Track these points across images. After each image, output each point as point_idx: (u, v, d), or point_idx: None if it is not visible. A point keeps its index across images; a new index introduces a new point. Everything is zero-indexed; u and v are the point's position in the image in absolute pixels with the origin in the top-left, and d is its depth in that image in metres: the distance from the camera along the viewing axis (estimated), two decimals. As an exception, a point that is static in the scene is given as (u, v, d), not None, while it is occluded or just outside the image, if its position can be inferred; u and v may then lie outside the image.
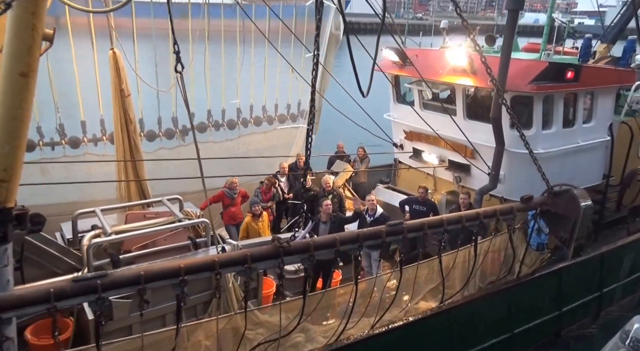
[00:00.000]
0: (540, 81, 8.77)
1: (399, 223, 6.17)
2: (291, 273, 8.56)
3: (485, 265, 7.96)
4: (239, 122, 11.25)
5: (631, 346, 5.48)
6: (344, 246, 5.70)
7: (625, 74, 10.19)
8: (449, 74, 9.62)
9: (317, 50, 4.63)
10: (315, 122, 13.19)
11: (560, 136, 9.74)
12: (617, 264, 9.71)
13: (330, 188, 9.57)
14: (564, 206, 7.38)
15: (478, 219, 6.89)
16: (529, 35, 32.25)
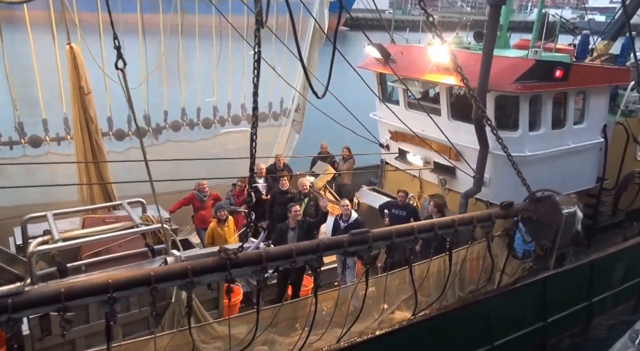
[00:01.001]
0: (526, 80, 8.30)
1: (363, 231, 5.76)
2: (261, 280, 8.17)
3: (465, 274, 7.55)
4: (215, 120, 10.85)
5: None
6: (302, 257, 5.30)
7: (620, 73, 9.69)
8: (432, 72, 9.17)
9: (258, 46, 4.20)
10: (299, 121, 13.04)
11: (549, 137, 9.27)
12: (608, 272, 9.25)
13: (307, 191, 9.16)
14: (545, 213, 6.94)
15: (453, 226, 6.47)
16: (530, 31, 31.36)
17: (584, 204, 11.22)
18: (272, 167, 10.70)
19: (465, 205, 9.38)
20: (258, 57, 4.27)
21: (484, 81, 7.73)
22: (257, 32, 4.16)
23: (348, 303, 6.75)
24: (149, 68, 9.22)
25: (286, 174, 9.68)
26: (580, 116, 9.98)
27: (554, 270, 7.42)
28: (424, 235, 6.40)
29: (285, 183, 9.39)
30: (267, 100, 11.86)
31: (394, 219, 8.99)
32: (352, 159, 11.91)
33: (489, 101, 8.71)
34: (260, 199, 9.93)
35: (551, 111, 9.04)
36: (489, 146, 8.71)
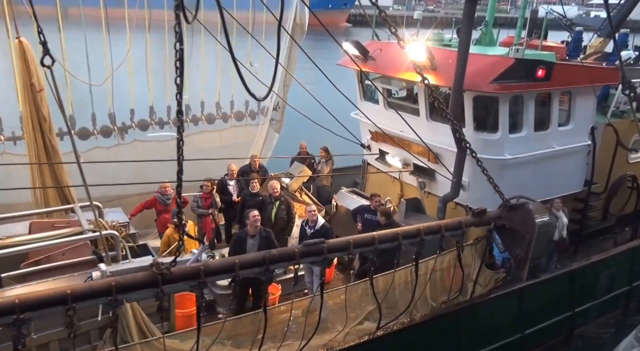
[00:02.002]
0: (505, 79, 7.86)
1: (317, 242, 5.36)
2: (224, 288, 7.80)
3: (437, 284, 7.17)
4: (187, 119, 10.44)
5: None
6: (246, 270, 4.91)
7: (608, 72, 9.22)
8: (409, 70, 8.72)
9: (180, 43, 3.79)
10: (278, 120, 12.62)
11: (531, 140, 8.84)
12: (591, 282, 8.85)
13: (277, 194, 8.76)
14: (519, 222, 6.52)
15: (418, 236, 6.07)
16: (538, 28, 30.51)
17: (571, 209, 10.92)
18: (246, 168, 10.29)
19: (443, 210, 9.00)
20: (180, 56, 3.84)
21: (459, 80, 7.33)
22: (178, 27, 3.72)
23: (302, 312, 6.43)
24: (114, 64, 8.81)
25: (256, 176, 9.27)
26: (566, 118, 9.55)
27: (531, 280, 7.00)
28: (386, 245, 6.02)
29: (255, 185, 8.99)
30: (244, 98, 11.44)
31: (367, 225, 8.59)
32: (331, 160, 11.51)
33: (466, 101, 8.29)
34: (230, 201, 9.56)
35: (533, 112, 8.60)
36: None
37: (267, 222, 8.85)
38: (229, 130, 11.40)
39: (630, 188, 11.93)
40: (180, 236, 4.22)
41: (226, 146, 11.40)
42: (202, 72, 10.38)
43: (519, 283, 7.43)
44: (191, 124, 10.62)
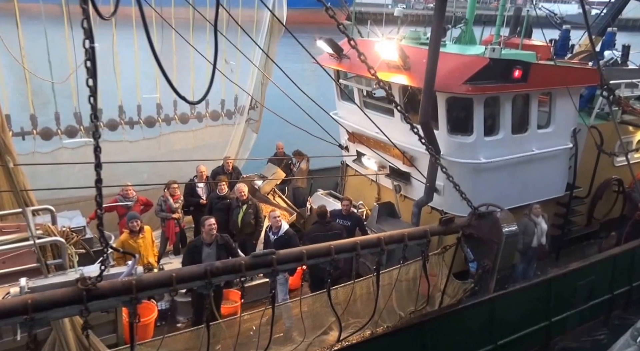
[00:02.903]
0: (480, 80, 7.55)
1: (266, 253, 5.08)
2: (184, 296, 7.52)
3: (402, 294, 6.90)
4: (159, 119, 10.14)
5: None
6: (185, 284, 4.64)
7: (589, 73, 8.89)
8: (382, 69, 8.41)
9: (90, 41, 3.48)
10: (256, 120, 12.31)
11: (509, 143, 8.53)
12: (569, 290, 8.56)
13: (245, 197, 8.47)
14: (488, 231, 6.25)
15: (379, 245, 5.79)
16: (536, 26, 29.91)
17: (554, 214, 10.63)
18: (219, 170, 10.00)
19: (418, 215, 8.74)
20: (92, 57, 3.53)
21: (429, 81, 7.02)
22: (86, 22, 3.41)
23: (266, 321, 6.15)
24: (78, 61, 8.48)
25: (224, 178, 8.98)
26: (547, 120, 9.24)
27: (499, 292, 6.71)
28: (345, 255, 5.75)
29: (223, 187, 8.70)
30: (220, 97, 11.14)
31: (338, 228, 8.30)
32: (307, 162, 11.22)
33: (439, 102, 8.00)
34: (198, 204, 9.27)
35: (510, 114, 8.29)
36: (441, 152, 8.05)
37: (233, 226, 8.61)
38: (205, 130, 11.10)
39: (616, 192, 11.66)
40: (103, 248, 3.92)
41: (201, 146, 11.11)
42: (173, 69, 10.06)
43: (489, 293, 7.16)
44: (163, 124, 10.31)
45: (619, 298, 9.69)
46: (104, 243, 3.89)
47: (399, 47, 7.77)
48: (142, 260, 6.91)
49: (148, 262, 7.03)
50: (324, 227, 7.71)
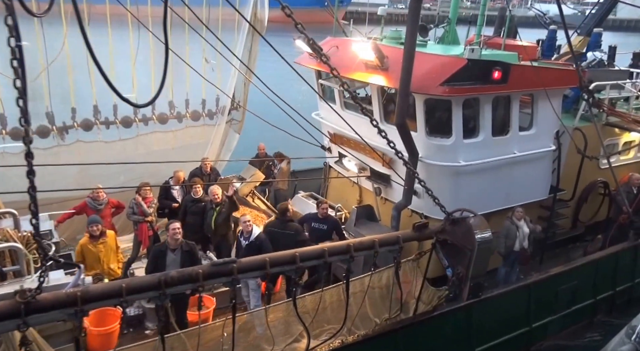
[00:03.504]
0: (458, 81, 7.37)
1: (227, 261, 4.90)
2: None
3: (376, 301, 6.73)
4: (136, 119, 9.93)
5: (637, 342, 5.33)
6: (135, 295, 4.45)
7: (571, 74, 8.70)
8: (360, 70, 8.25)
9: (17, 40, 3.28)
10: (239, 120, 12.11)
11: (489, 145, 8.36)
12: (549, 295, 8.40)
13: (219, 200, 8.27)
14: (462, 237, 6.07)
15: (348, 252, 5.62)
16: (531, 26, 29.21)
17: (537, 217, 10.48)
18: (197, 172, 9.79)
19: (397, 218, 8.55)
20: (20, 55, 3.33)
21: (405, 82, 6.82)
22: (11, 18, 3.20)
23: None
24: (49, 58, 8.28)
25: (199, 180, 8.77)
26: (529, 122, 9.07)
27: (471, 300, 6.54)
28: (313, 262, 5.58)
29: (198, 190, 8.51)
30: (200, 97, 10.93)
31: (314, 234, 8.12)
32: (288, 164, 11.03)
33: (417, 104, 7.82)
34: (172, 206, 9.07)
35: (491, 116, 8.12)
36: (419, 154, 7.87)
37: (207, 229, 8.42)
38: (185, 130, 10.89)
39: (602, 195, 11.52)
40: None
41: (182, 147, 10.91)
42: (150, 68, 9.83)
43: (463, 301, 6.99)
44: (141, 124, 10.10)
45: (602, 302, 9.56)
46: (42, 254, 3.69)
47: (375, 47, 7.58)
48: (102, 266, 6.71)
49: (109, 268, 6.81)
50: (281, 224, 7.66)
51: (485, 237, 5.82)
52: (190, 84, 10.48)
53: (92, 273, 6.64)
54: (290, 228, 7.62)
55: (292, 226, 7.69)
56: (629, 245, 9.41)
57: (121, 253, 7.41)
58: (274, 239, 7.38)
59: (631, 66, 14.43)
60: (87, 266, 6.58)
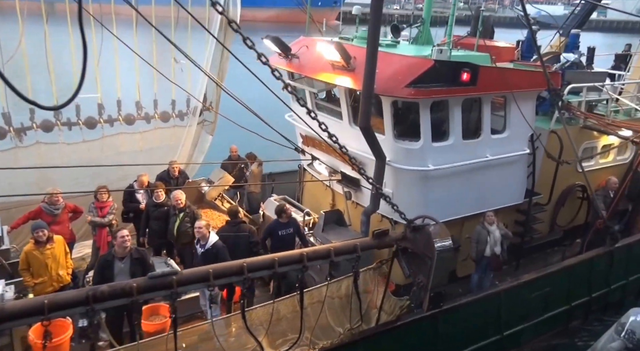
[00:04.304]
0: (425, 83, 7.13)
1: (166, 273, 4.63)
2: (107, 312, 7.02)
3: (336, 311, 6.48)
4: (101, 120, 9.62)
5: (626, 338, 5.39)
6: (61, 311, 4.17)
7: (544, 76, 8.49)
8: (327, 70, 8.00)
9: None
10: (211, 121, 11.81)
11: (460, 149, 8.13)
12: (522, 303, 8.20)
13: (182, 205, 7.99)
14: (423, 245, 5.84)
15: (301, 262, 5.37)
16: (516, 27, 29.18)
17: (514, 222, 10.29)
18: (164, 175, 9.50)
19: (367, 223, 8.31)
20: None
21: (368, 84, 6.57)
22: None
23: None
24: (4, 57, 7.95)
25: (160, 184, 8.48)
26: (503, 125, 8.86)
27: (432, 311, 6.31)
28: (262, 273, 5.32)
29: (160, 194, 8.22)
30: (170, 97, 10.63)
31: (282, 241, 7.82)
32: (260, 166, 10.76)
33: (384, 106, 7.58)
34: (138, 209, 8.78)
35: (460, 119, 7.89)
36: (387, 158, 7.64)
37: (170, 236, 8.14)
38: (154, 132, 10.59)
39: (580, 199, 11.35)
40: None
41: (151, 149, 10.61)
42: (115, 68, 9.53)
43: (423, 311, 6.76)
44: (106, 125, 9.79)
45: (577, 309, 9.37)
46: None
47: (338, 47, 7.33)
48: (50, 273, 6.40)
49: (57, 275, 6.51)
50: (233, 228, 7.44)
51: (445, 245, 5.59)
52: (158, 84, 10.19)
53: (39, 280, 6.34)
54: (243, 229, 7.48)
55: (244, 227, 7.55)
56: (604, 251, 9.22)
57: (70, 259, 7.09)
58: (228, 244, 7.13)
59: (613, 68, 14.33)
60: (33, 274, 6.29)
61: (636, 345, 5.73)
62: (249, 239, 7.24)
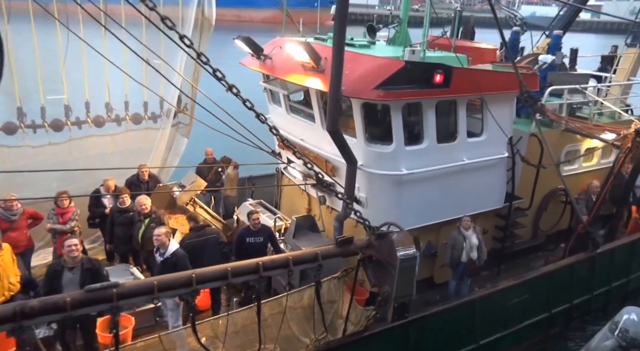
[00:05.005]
0: (396, 85, 6.89)
1: (105, 286, 4.35)
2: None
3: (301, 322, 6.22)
4: (68, 122, 9.31)
5: (619, 337, 5.46)
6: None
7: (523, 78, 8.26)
8: (298, 71, 7.75)
9: None
10: (186, 124, 11.52)
11: (435, 152, 7.89)
12: (499, 311, 7.96)
13: (147, 211, 7.71)
14: (387, 254, 5.59)
15: (257, 272, 5.10)
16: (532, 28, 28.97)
17: (494, 227, 10.05)
18: (134, 179, 9.21)
19: (340, 229, 8.01)
20: None
21: (335, 86, 6.31)
22: None
23: None
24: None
25: (125, 190, 8.20)
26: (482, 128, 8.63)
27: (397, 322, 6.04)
28: (215, 284, 5.06)
29: (125, 199, 7.94)
30: (142, 99, 10.33)
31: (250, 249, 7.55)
32: (236, 169, 10.49)
33: (355, 109, 7.34)
34: (104, 214, 8.48)
35: (435, 122, 7.65)
36: (359, 162, 7.39)
37: (135, 242, 7.86)
38: (125, 134, 10.27)
39: (564, 203, 11.14)
40: None
41: (122, 151, 10.28)
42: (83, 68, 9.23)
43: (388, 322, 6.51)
44: (74, 127, 9.47)
45: (558, 316, 9.14)
46: None
47: (306, 47, 7.08)
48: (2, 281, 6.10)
49: (9, 283, 6.20)
50: (197, 233, 7.23)
51: (408, 254, 5.34)
52: (129, 85, 9.88)
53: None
54: (209, 232, 7.24)
55: (208, 231, 7.34)
56: (585, 256, 9.01)
57: (17, 266, 6.76)
58: (197, 251, 6.86)
59: (600, 69, 14.16)
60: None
61: (630, 343, 5.68)
62: (217, 240, 7.00)
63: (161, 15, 4.25)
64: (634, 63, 12.14)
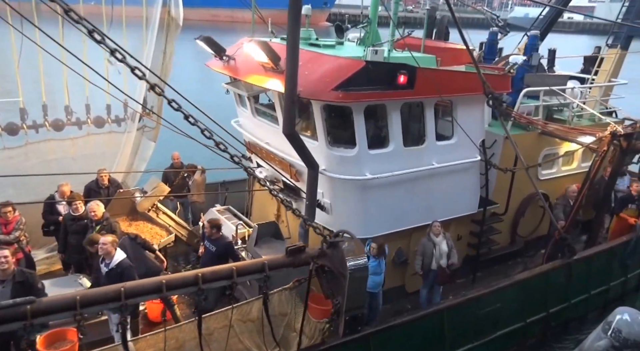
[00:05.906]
0: (357, 86, 6.58)
1: (21, 302, 3.98)
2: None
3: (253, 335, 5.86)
4: (24, 125, 8.93)
5: (613, 337, 5.45)
6: None
7: (494, 79, 7.99)
8: (259, 72, 7.43)
9: None
10: (153, 127, 11.14)
11: (401, 156, 7.58)
12: (469, 321, 7.63)
13: (98, 218, 7.34)
14: (339, 263, 5.26)
15: (196, 284, 4.75)
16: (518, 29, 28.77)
17: (469, 233, 9.75)
18: (93, 185, 8.83)
19: (305, 236, 7.75)
20: None
21: (290, 86, 6.00)
22: None
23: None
24: None
25: (78, 196, 7.82)
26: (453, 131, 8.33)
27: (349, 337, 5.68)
28: (148, 297, 4.71)
29: (79, 207, 7.56)
30: (104, 102, 9.97)
31: (206, 256, 7.23)
32: (203, 174, 10.13)
33: (315, 111, 7.03)
34: (59, 222, 8.10)
35: (400, 125, 7.34)
36: (321, 166, 7.07)
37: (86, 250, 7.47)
38: (87, 138, 9.91)
39: (542, 208, 10.86)
40: None
41: (84, 156, 9.91)
42: (39, 70, 8.86)
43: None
44: (30, 131, 9.10)
45: (534, 325, 8.81)
46: None
47: (264, 47, 6.77)
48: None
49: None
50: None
51: (358, 264, 5.00)
52: (90, 87, 9.51)
53: None
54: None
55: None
56: (560, 263, 8.71)
57: None
58: None
59: (582, 71, 13.96)
60: None
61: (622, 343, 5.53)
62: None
63: (64, 6, 3.89)
64: (615, 64, 11.95)
